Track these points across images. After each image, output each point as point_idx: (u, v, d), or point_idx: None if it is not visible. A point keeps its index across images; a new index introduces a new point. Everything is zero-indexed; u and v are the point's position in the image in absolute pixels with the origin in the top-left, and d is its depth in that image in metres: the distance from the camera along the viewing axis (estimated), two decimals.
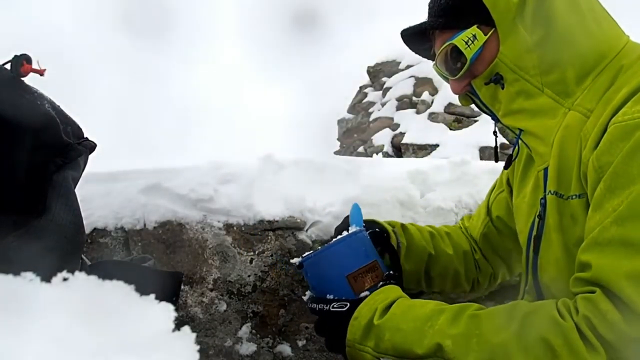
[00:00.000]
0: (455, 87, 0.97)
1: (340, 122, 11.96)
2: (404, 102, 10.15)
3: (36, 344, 0.34)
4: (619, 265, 0.72)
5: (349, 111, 12.03)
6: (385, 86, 10.99)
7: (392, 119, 10.11)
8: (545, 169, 0.91)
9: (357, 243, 1.01)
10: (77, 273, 0.40)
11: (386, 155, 9.06)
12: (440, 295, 1.55)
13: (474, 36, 0.89)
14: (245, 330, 1.49)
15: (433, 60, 1.02)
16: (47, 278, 0.40)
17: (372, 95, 11.55)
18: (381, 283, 0.97)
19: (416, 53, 1.07)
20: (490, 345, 0.78)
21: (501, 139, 1.18)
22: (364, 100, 11.60)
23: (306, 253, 1.03)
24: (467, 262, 1.26)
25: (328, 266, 0.99)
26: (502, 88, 0.90)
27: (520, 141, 0.99)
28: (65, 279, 0.39)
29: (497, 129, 1.13)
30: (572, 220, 0.86)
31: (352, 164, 1.78)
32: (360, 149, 10.43)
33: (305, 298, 1.04)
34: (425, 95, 9.78)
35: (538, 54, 0.86)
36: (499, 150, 1.12)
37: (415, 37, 1.01)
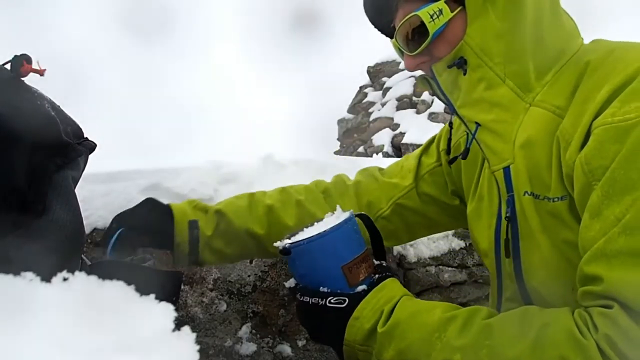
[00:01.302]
0: (409, 63, 0.92)
1: (340, 122, 11.97)
2: (404, 102, 10.16)
3: (36, 344, 0.34)
4: (632, 278, 0.70)
5: (349, 111, 12.03)
6: (385, 86, 10.99)
7: (392, 119, 10.11)
8: (506, 169, 0.88)
9: (351, 231, 0.94)
10: (77, 273, 0.40)
11: (386, 155, 9.05)
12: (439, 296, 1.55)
13: (440, 11, 0.85)
14: (245, 330, 1.49)
15: (391, 38, 0.97)
16: (47, 278, 0.40)
17: (372, 95, 11.55)
18: (377, 276, 0.91)
19: (375, 27, 1.02)
20: (502, 358, 0.75)
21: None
22: (364, 100, 11.60)
23: (292, 238, 0.92)
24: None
25: (322, 256, 0.91)
26: (464, 74, 0.86)
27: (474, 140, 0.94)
28: (65, 279, 0.39)
29: (452, 121, 1.09)
30: (556, 220, 0.83)
31: (352, 164, 1.78)
32: (360, 149, 10.43)
33: (288, 285, 0.96)
34: (425, 95, 9.78)
35: (505, 41, 0.83)
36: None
37: (379, 9, 0.97)
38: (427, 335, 0.81)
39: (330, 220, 0.95)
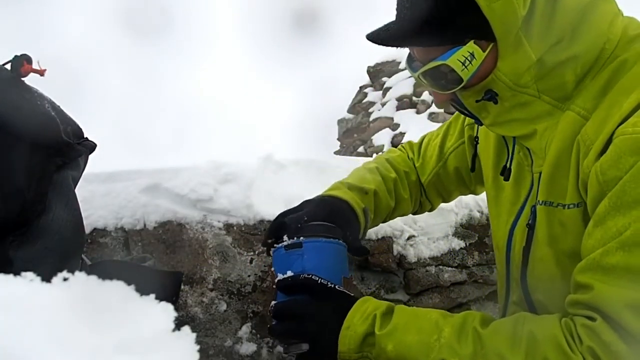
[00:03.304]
0: (440, 100, 0.88)
1: (340, 122, 11.97)
2: (404, 102, 10.16)
3: (36, 343, 0.34)
4: (622, 294, 0.70)
5: (349, 111, 12.03)
6: (385, 86, 10.99)
7: (392, 119, 10.11)
8: (540, 174, 0.86)
9: (346, 254, 0.98)
10: (77, 273, 0.40)
11: None
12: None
13: (472, 55, 0.76)
14: (245, 330, 1.49)
15: (398, 46, 0.86)
16: (47, 278, 0.40)
17: (372, 95, 11.55)
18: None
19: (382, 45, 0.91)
20: None
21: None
22: (364, 100, 11.60)
23: (288, 241, 0.94)
24: (415, 202, 1.25)
25: (332, 259, 0.93)
26: (495, 103, 0.81)
27: (508, 142, 0.94)
28: (65, 279, 0.39)
29: (476, 137, 1.06)
30: (563, 229, 0.82)
31: (352, 164, 1.78)
32: (360, 149, 10.43)
33: (283, 276, 0.91)
34: (425, 95, 9.78)
35: (537, 66, 0.77)
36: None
37: (392, 42, 0.86)
38: (425, 337, 0.81)
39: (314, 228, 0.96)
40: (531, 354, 0.74)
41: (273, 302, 0.92)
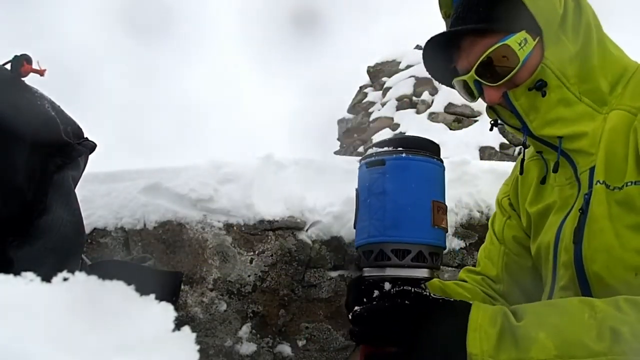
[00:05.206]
0: (494, 95, 0.95)
1: (340, 122, 11.97)
2: (404, 102, 10.16)
3: (35, 344, 0.34)
4: None
5: (349, 111, 12.03)
6: (385, 86, 10.99)
7: (392, 119, 10.11)
8: (592, 168, 0.92)
9: (444, 175, 0.85)
10: (77, 273, 0.40)
11: None
12: None
13: (525, 40, 0.91)
14: (245, 330, 1.49)
15: (445, 84, 1.01)
16: (47, 278, 0.40)
17: (372, 95, 11.55)
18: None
19: (430, 72, 1.03)
20: None
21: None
22: (364, 100, 11.60)
23: (376, 150, 0.82)
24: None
25: (417, 178, 0.81)
26: (543, 95, 0.92)
27: (547, 155, 1.00)
28: (65, 279, 0.39)
29: (525, 143, 1.07)
30: (623, 209, 0.87)
31: (352, 164, 1.78)
32: (360, 149, 10.43)
33: (364, 195, 0.82)
34: (425, 95, 9.78)
35: (578, 63, 0.92)
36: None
37: (438, 52, 0.97)
38: (576, 317, 0.74)
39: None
40: None
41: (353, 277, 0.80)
